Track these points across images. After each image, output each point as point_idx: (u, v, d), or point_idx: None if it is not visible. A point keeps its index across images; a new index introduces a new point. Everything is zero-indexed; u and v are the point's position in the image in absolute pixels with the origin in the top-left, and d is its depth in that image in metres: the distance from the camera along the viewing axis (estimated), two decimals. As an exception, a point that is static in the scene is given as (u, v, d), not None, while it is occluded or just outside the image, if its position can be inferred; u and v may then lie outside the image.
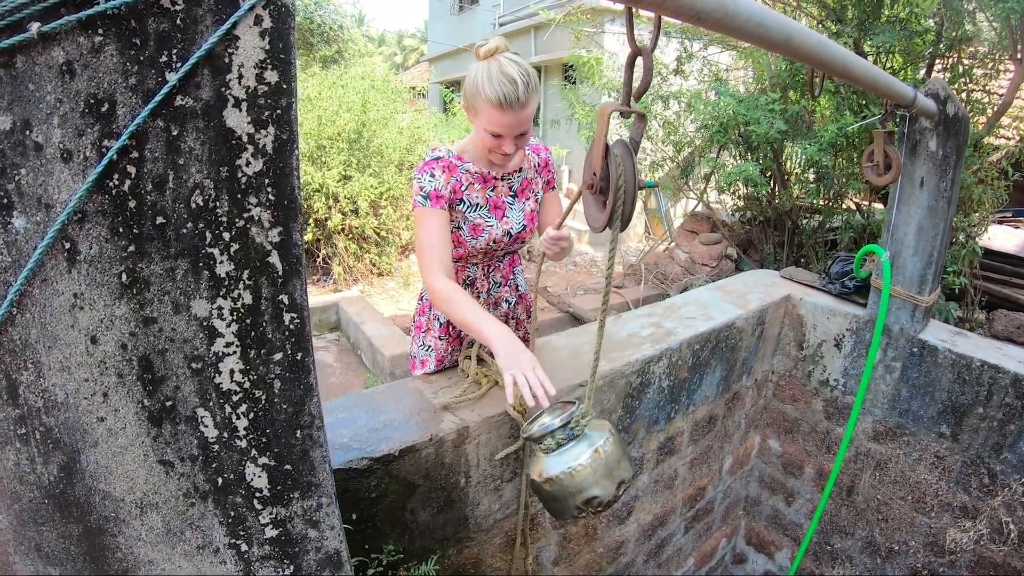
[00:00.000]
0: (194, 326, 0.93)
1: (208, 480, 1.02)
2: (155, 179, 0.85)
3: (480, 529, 2.45)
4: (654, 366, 2.85)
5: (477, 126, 2.18)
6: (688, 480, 3.53)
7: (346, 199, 9.35)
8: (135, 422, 0.93)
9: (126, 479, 0.95)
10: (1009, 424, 2.94)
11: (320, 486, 1.16)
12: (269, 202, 0.94)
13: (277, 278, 0.98)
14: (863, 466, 3.57)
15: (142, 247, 0.86)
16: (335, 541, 1.22)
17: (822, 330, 3.58)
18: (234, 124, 0.89)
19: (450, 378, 2.48)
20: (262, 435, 1.05)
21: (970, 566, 3.22)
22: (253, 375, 1.00)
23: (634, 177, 1.37)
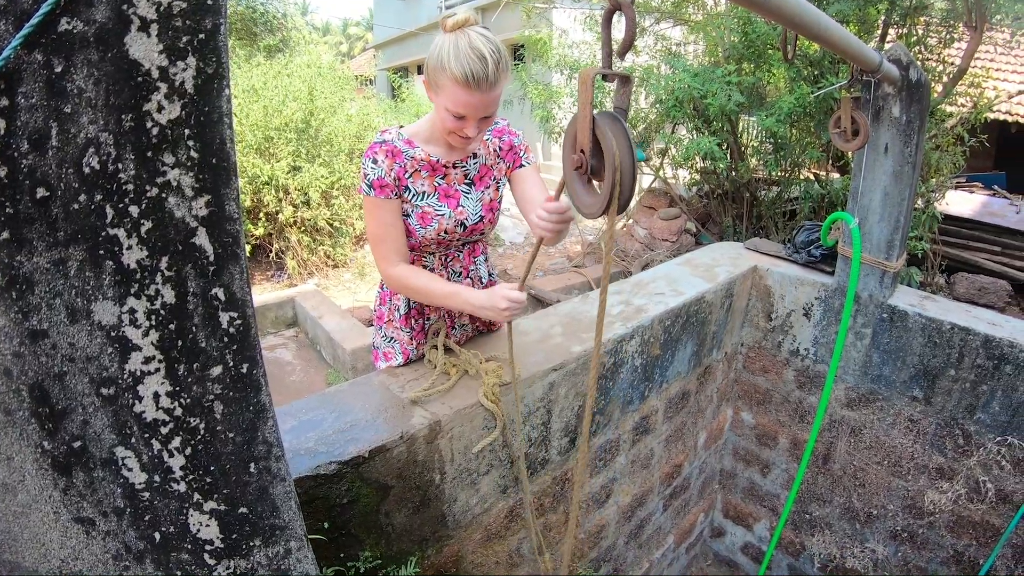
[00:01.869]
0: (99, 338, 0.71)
1: (142, 536, 0.82)
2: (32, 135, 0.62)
3: (459, 526, 2.35)
4: (627, 345, 2.78)
5: (438, 104, 2.00)
6: (664, 458, 3.48)
7: (297, 191, 9.18)
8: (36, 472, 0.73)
9: (36, 545, 0.76)
10: (981, 385, 2.95)
11: (286, 528, 0.96)
12: (191, 161, 0.72)
13: (208, 265, 0.76)
14: (838, 433, 3.57)
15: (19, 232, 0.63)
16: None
17: (790, 300, 3.55)
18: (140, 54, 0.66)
19: (417, 370, 2.37)
20: (205, 474, 0.84)
21: (949, 526, 3.24)
22: (185, 398, 0.80)
23: (631, 151, 1.19)
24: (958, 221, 7.13)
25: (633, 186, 1.22)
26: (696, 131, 6.68)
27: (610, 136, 1.19)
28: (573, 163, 1.31)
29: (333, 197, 9.66)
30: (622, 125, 1.19)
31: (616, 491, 3.19)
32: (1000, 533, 3.06)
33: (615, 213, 1.22)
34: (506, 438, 2.31)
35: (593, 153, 1.25)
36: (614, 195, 1.20)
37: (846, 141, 2.83)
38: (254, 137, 9.08)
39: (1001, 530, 3.05)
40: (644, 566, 3.86)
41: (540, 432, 2.50)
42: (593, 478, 2.99)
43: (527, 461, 2.53)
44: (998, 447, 2.96)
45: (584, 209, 1.32)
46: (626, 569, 3.69)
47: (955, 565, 3.29)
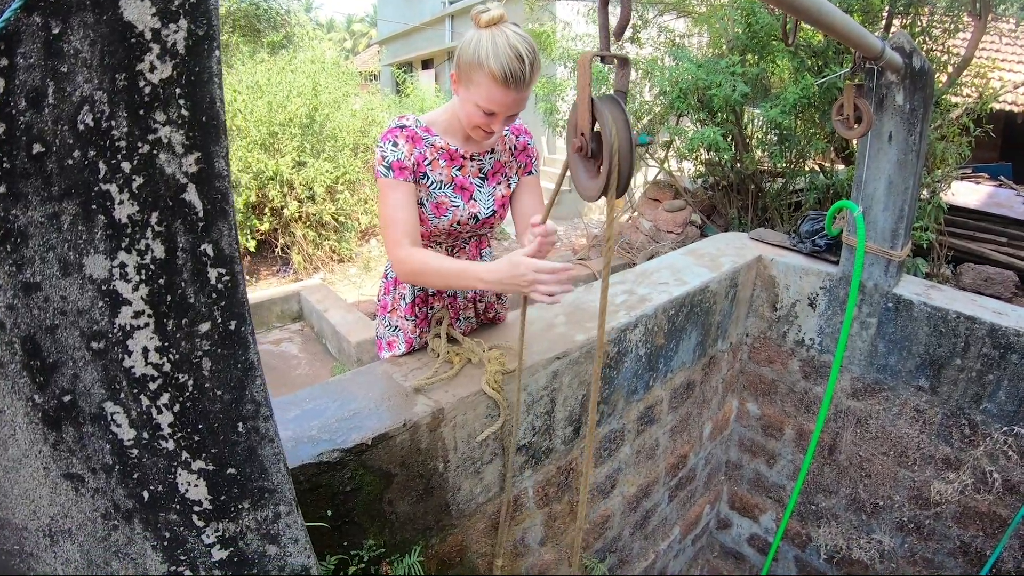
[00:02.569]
0: (90, 291, 0.71)
1: (130, 495, 0.81)
2: (29, 93, 0.64)
3: (463, 515, 2.35)
4: (630, 334, 2.77)
5: (466, 98, 1.98)
6: (670, 449, 3.48)
7: (302, 186, 9.19)
8: (26, 427, 0.73)
9: (26, 501, 0.76)
10: (987, 374, 2.93)
11: (275, 491, 0.95)
12: (182, 119, 0.73)
13: (197, 221, 0.76)
14: (844, 424, 3.55)
15: (15, 186, 0.64)
16: (301, 556, 1.02)
17: (795, 290, 3.54)
18: (133, 16, 0.68)
19: (420, 359, 2.37)
20: (193, 432, 0.84)
21: (956, 517, 3.23)
22: (174, 353, 0.79)
23: (628, 133, 1.19)
24: (964, 212, 7.10)
25: (631, 168, 1.22)
26: (701, 123, 6.66)
27: (608, 118, 1.19)
28: (574, 146, 1.32)
29: (338, 192, 9.67)
30: (621, 107, 1.19)
31: (621, 481, 3.18)
32: (1007, 524, 3.04)
33: (614, 193, 1.22)
34: (510, 426, 2.31)
35: (593, 136, 1.26)
36: (612, 176, 1.20)
37: (849, 128, 2.82)
38: (259, 133, 9.08)
39: (1008, 521, 3.03)
40: (650, 557, 3.86)
41: (544, 421, 2.50)
42: (598, 468, 2.98)
43: (532, 451, 2.53)
44: (1005, 437, 2.94)
45: (584, 192, 1.32)
46: (632, 560, 3.69)
47: (962, 556, 3.27)
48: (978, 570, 3.21)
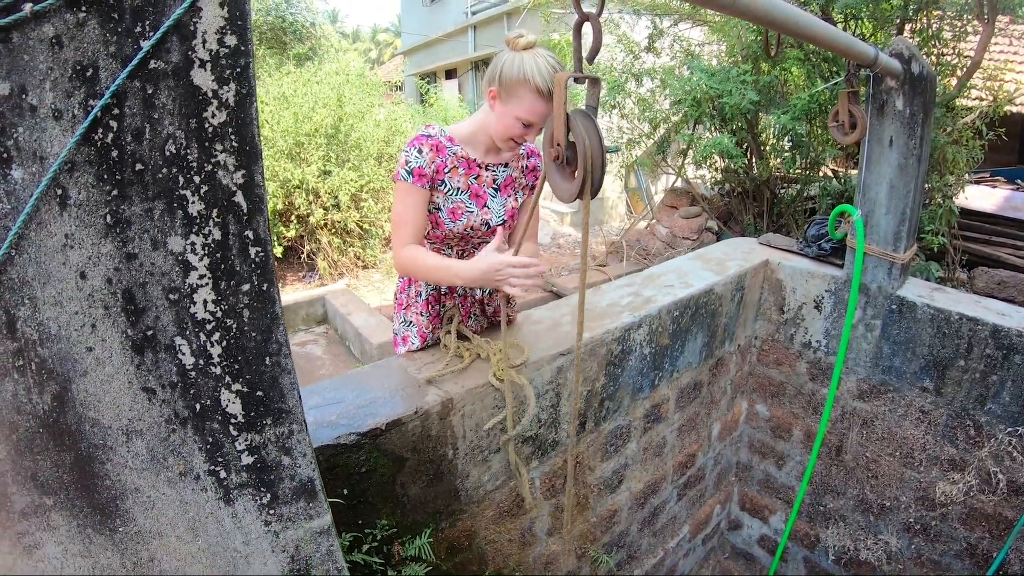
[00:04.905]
0: (170, 260, 1.01)
1: (187, 406, 1.09)
2: (134, 131, 0.95)
3: (471, 501, 2.48)
4: (634, 333, 2.88)
5: (505, 112, 2.17)
6: (677, 447, 3.57)
7: (327, 194, 9.37)
8: (120, 351, 1.01)
9: (113, 406, 1.03)
10: (991, 375, 2.97)
11: (290, 413, 1.22)
12: (233, 148, 1.04)
13: (242, 215, 1.07)
14: (850, 425, 3.61)
15: (124, 191, 0.95)
16: (308, 469, 1.27)
17: (801, 293, 3.62)
18: (200, 82, 0.99)
19: (433, 354, 2.51)
20: (234, 362, 1.12)
21: (962, 518, 3.26)
22: (224, 305, 1.08)
23: (600, 141, 1.39)
24: (980, 216, 7.06)
25: (603, 172, 1.42)
26: (715, 130, 6.74)
27: (581, 130, 1.39)
28: (551, 155, 1.53)
29: (362, 200, 9.83)
30: (592, 121, 1.39)
31: (628, 477, 3.28)
32: (1012, 525, 3.07)
33: (589, 195, 1.41)
34: (516, 418, 2.43)
35: (568, 145, 1.46)
36: (587, 180, 1.40)
37: (844, 134, 2.91)
38: (285, 143, 9.26)
39: (1013, 522, 3.06)
40: (659, 555, 3.94)
41: (550, 414, 2.62)
42: (604, 463, 3.09)
43: (538, 442, 2.65)
44: (1009, 438, 2.97)
45: (561, 195, 1.53)
46: (640, 557, 3.78)
47: (968, 558, 3.30)
48: (984, 571, 3.24)
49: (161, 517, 1.12)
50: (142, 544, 1.12)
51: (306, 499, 1.28)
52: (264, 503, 1.22)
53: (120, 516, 1.09)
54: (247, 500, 1.20)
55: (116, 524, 1.09)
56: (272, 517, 1.24)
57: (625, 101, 7.46)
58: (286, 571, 1.30)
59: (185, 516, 1.15)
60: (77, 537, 1.08)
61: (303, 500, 1.27)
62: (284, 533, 1.26)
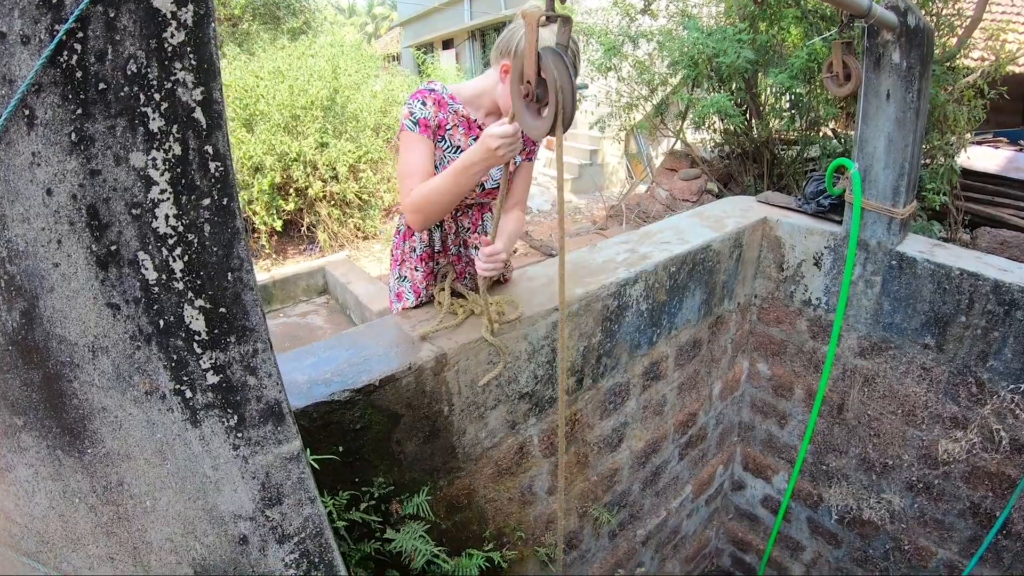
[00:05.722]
0: (133, 176, 1.03)
1: (151, 322, 1.10)
2: (97, 53, 0.97)
3: (469, 459, 2.48)
4: (630, 289, 2.87)
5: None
6: (678, 406, 3.57)
7: (325, 166, 9.35)
8: (85, 267, 1.03)
9: (79, 322, 1.05)
10: (992, 332, 2.94)
11: (254, 331, 1.22)
12: (192, 66, 1.05)
13: (202, 131, 1.08)
14: (851, 383, 3.59)
15: (88, 110, 0.97)
16: (274, 391, 1.26)
17: (800, 250, 3.59)
18: (160, 4, 1.01)
19: (428, 312, 2.50)
20: (197, 277, 1.13)
21: (964, 477, 3.26)
22: (185, 219, 1.09)
23: (570, 77, 1.41)
24: (983, 177, 7.02)
25: (574, 108, 1.44)
26: (713, 92, 6.68)
27: (552, 66, 1.41)
28: (521, 92, 1.55)
29: (360, 171, 9.81)
30: (562, 58, 1.41)
31: (628, 436, 3.28)
32: (1015, 484, 3.06)
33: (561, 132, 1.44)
34: (512, 374, 2.42)
35: (538, 84, 1.49)
36: (558, 114, 1.43)
37: (839, 86, 2.88)
38: (281, 116, 9.24)
39: (1016, 481, 3.05)
40: (661, 514, 3.95)
41: (546, 371, 2.61)
42: (603, 421, 3.08)
43: (535, 399, 2.64)
44: (1011, 395, 2.96)
45: (532, 132, 1.57)
46: (643, 516, 3.79)
47: (971, 517, 3.31)
48: (987, 531, 3.25)
49: (129, 438, 1.14)
50: (111, 467, 1.14)
51: (274, 422, 1.28)
52: (231, 425, 1.23)
53: (88, 437, 1.11)
54: (214, 422, 1.20)
55: (85, 445, 1.11)
56: (240, 441, 1.24)
57: (622, 64, 7.39)
58: (257, 499, 1.30)
59: (153, 438, 1.16)
60: (47, 459, 1.10)
61: (271, 423, 1.27)
62: (253, 458, 1.27)
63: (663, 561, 4.29)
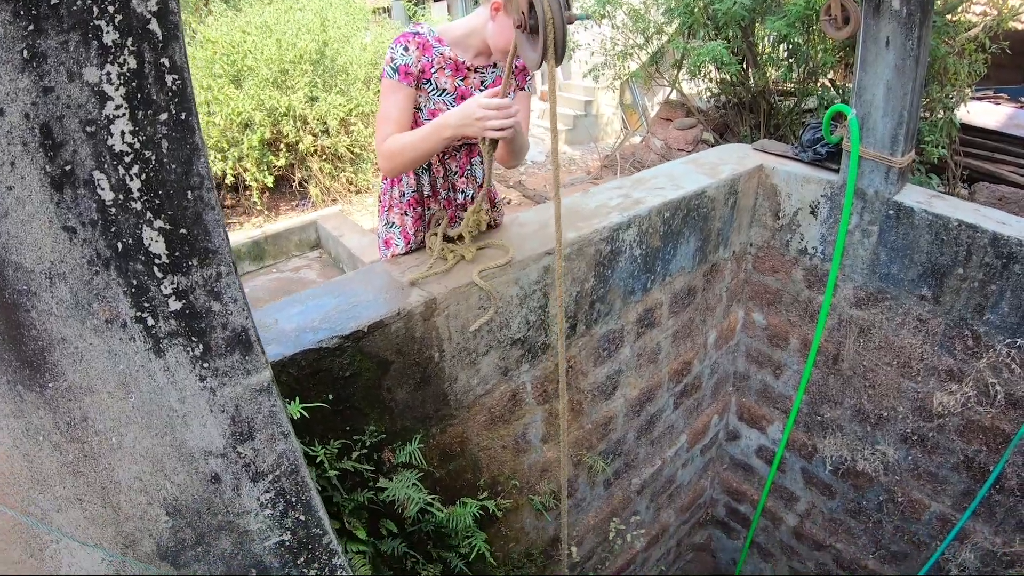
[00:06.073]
0: (87, 91, 0.98)
1: (109, 246, 1.05)
2: None
3: (462, 406, 2.46)
4: (623, 233, 2.82)
5: (507, 25, 2.09)
6: (672, 354, 3.55)
7: (315, 120, 9.24)
8: (39, 188, 0.99)
9: (35, 248, 1.01)
10: (990, 284, 2.92)
11: (217, 253, 1.16)
12: None
13: (158, 43, 1.03)
14: (847, 333, 3.58)
15: (40, 25, 0.92)
16: (240, 317, 1.21)
17: (797, 198, 3.54)
18: None
19: (417, 258, 2.46)
20: (155, 196, 1.07)
21: (959, 430, 3.26)
22: (142, 135, 1.04)
23: (559, 6, 1.42)
24: (982, 133, 6.93)
25: (564, 38, 1.47)
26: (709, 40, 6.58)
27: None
28: (516, 23, 1.58)
29: (351, 124, 9.70)
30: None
31: (623, 383, 3.27)
32: (1010, 439, 3.06)
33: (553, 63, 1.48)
34: (503, 319, 2.38)
35: (532, 14, 1.51)
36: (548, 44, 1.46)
37: (837, 29, 2.82)
38: (269, 71, 9.10)
39: (1011, 436, 3.05)
40: (656, 463, 3.96)
41: (538, 316, 2.58)
42: (597, 368, 3.06)
43: (528, 345, 2.61)
44: (1008, 350, 2.94)
45: (530, 64, 1.61)
46: (638, 465, 3.79)
47: (965, 471, 3.32)
48: (981, 485, 3.26)
49: (90, 370, 1.09)
50: (73, 401, 1.10)
51: (241, 351, 1.22)
52: (197, 355, 1.18)
53: (49, 370, 1.07)
54: (178, 351, 1.16)
55: (46, 379, 1.07)
56: (207, 371, 1.19)
57: (616, 12, 7.27)
58: (227, 434, 1.25)
59: (115, 369, 1.11)
60: (8, 395, 1.06)
61: (238, 352, 1.22)
62: (221, 390, 1.22)
63: (658, 510, 4.31)
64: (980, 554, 3.43)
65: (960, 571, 3.55)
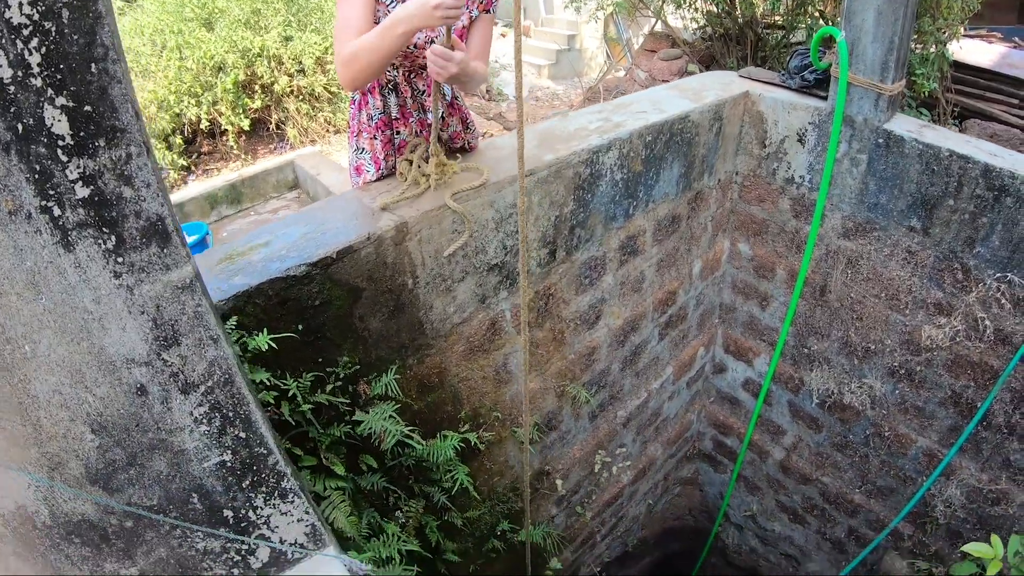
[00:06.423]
0: None
1: (8, 128, 0.96)
2: None
3: (438, 335, 2.40)
4: (603, 156, 2.74)
5: None
6: (657, 283, 3.50)
7: (291, 60, 9.04)
8: None
9: None
10: (981, 217, 2.86)
11: (126, 132, 1.06)
12: None
13: None
14: (834, 264, 3.52)
15: None
16: (155, 204, 1.12)
17: (784, 125, 3.45)
18: None
19: (389, 184, 2.37)
20: (56, 71, 0.99)
21: (947, 365, 3.23)
22: (41, 5, 0.95)
23: None
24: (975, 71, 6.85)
25: None
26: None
27: None
28: None
29: (328, 63, 9.50)
30: None
31: (606, 313, 3.22)
32: (998, 375, 3.04)
33: None
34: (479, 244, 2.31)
35: None
36: None
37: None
38: (241, 11, 8.93)
39: (999, 372, 3.03)
40: (642, 395, 3.94)
41: (515, 241, 2.50)
42: (580, 296, 3.01)
43: (506, 271, 2.54)
44: (998, 284, 2.90)
45: None
46: (623, 397, 3.77)
47: (952, 407, 3.30)
48: (968, 421, 3.25)
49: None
50: None
51: (158, 243, 1.13)
52: (109, 248, 1.09)
53: None
54: (89, 244, 1.07)
55: None
56: (121, 267, 1.10)
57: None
58: (150, 339, 1.16)
59: (22, 267, 1.03)
60: None
61: (155, 244, 1.13)
62: (139, 288, 1.13)
63: (645, 444, 4.31)
64: (966, 491, 3.43)
65: (946, 507, 3.57)
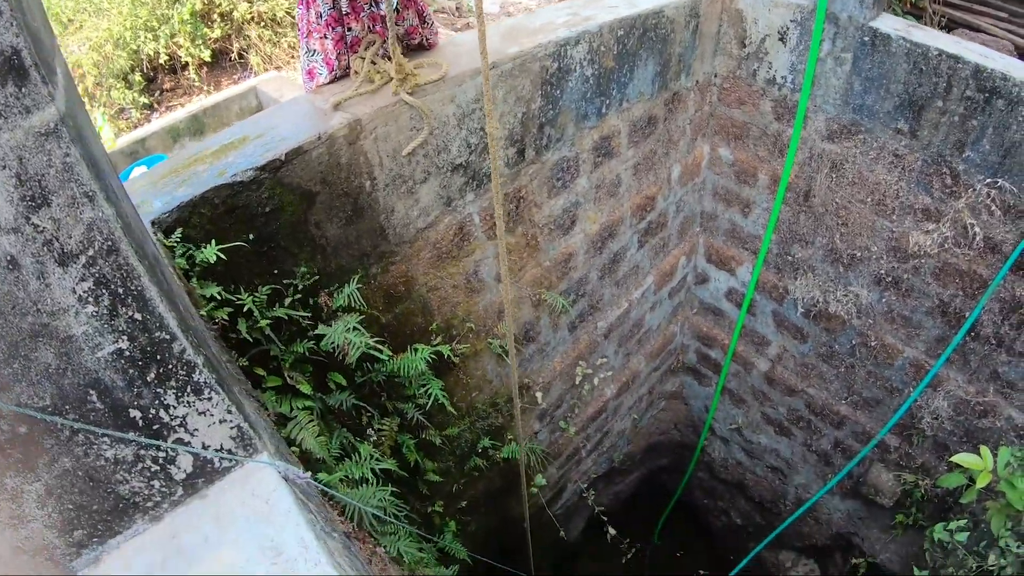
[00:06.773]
0: None
1: None
2: None
3: (403, 241, 2.31)
4: (572, 50, 2.62)
5: None
6: (634, 188, 3.41)
7: (249, -17, 8.72)
8: None
9: None
10: (971, 120, 2.76)
11: None
12: None
13: None
14: (818, 168, 3.43)
15: None
16: (9, 34, 0.92)
17: (764, 23, 3.30)
18: None
19: (343, 84, 2.27)
20: None
21: (935, 273, 3.18)
22: None
23: None
24: (966, -16, 6.70)
25: None
26: None
27: None
28: None
29: (290, -15, 9.19)
30: None
31: (581, 217, 3.14)
32: (987, 285, 3.00)
33: None
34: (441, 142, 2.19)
35: None
36: None
37: None
38: (192, -64, 8.54)
39: (988, 281, 2.98)
40: (623, 306, 3.89)
41: (479, 139, 2.41)
42: (552, 200, 2.93)
43: (471, 171, 2.45)
44: (988, 190, 2.82)
45: None
46: (604, 307, 3.71)
47: (940, 316, 3.26)
48: (955, 332, 3.21)
49: None
50: None
51: (15, 81, 0.93)
52: None
53: None
54: None
55: None
56: None
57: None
58: (15, 199, 0.97)
59: None
60: None
61: (11, 83, 0.93)
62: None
63: (628, 356, 4.27)
64: (953, 403, 3.43)
65: (933, 419, 3.56)
